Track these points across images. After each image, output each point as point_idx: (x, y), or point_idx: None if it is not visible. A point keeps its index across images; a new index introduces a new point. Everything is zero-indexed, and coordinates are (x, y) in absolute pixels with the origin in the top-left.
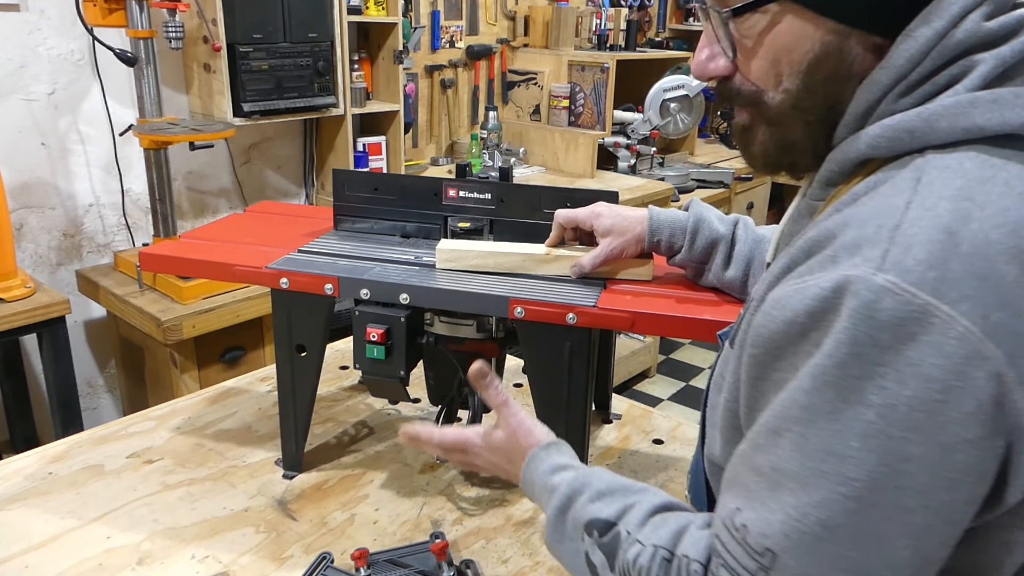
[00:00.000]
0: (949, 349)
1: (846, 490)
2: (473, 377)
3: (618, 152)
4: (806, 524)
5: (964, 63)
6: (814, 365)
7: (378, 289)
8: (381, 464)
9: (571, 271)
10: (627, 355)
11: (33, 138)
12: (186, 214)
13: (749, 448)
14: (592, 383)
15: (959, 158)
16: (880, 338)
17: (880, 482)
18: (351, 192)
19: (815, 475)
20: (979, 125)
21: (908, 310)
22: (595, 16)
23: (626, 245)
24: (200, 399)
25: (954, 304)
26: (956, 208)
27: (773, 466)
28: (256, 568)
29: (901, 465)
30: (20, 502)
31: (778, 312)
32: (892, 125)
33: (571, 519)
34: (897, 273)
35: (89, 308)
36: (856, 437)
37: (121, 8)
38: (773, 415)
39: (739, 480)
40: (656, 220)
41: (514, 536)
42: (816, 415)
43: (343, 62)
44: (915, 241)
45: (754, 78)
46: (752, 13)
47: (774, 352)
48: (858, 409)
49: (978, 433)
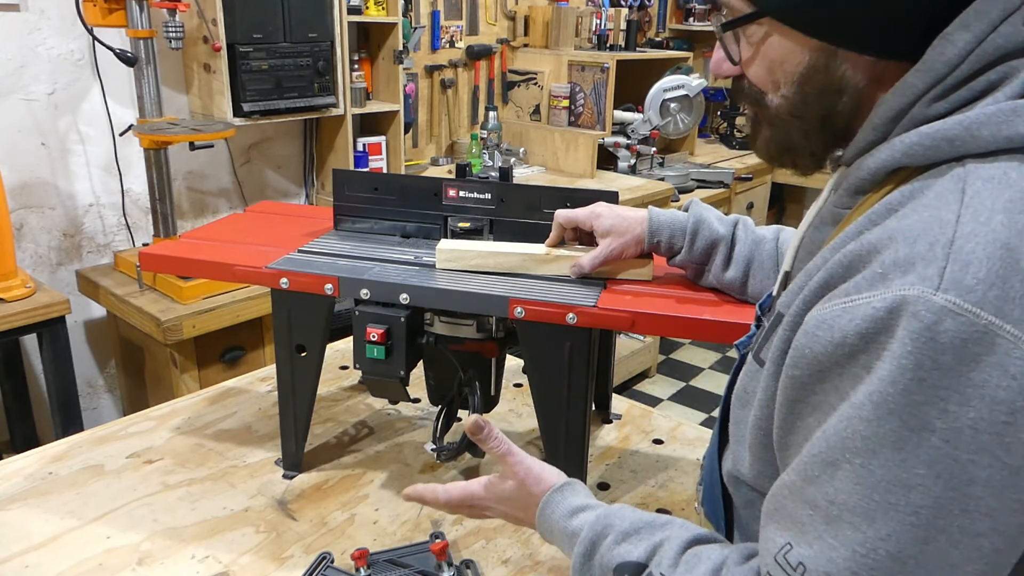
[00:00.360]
0: (1015, 370)
1: (915, 520)
2: (470, 432)
3: (618, 152)
4: (875, 559)
5: (1003, 69)
6: (874, 392)
7: (378, 289)
8: (381, 464)
9: (571, 271)
10: (627, 355)
11: (33, 138)
12: (186, 214)
13: (799, 479)
14: (592, 383)
15: (1003, 168)
16: (943, 361)
17: (948, 508)
18: (351, 192)
19: (882, 508)
20: (1022, 134)
21: (971, 331)
22: (595, 16)
23: (626, 246)
24: (200, 399)
25: (1018, 323)
26: (1012, 222)
27: (830, 499)
28: (256, 568)
29: (968, 488)
30: (20, 502)
31: (824, 333)
32: (931, 133)
33: (598, 564)
34: (957, 292)
35: (89, 308)
36: (922, 464)
37: (121, 8)
38: (828, 445)
39: (787, 512)
40: (656, 221)
41: (514, 536)
42: (881, 445)
43: (343, 62)
44: (973, 258)
45: (756, 82)
46: (745, 26)
47: (817, 375)
48: (923, 435)
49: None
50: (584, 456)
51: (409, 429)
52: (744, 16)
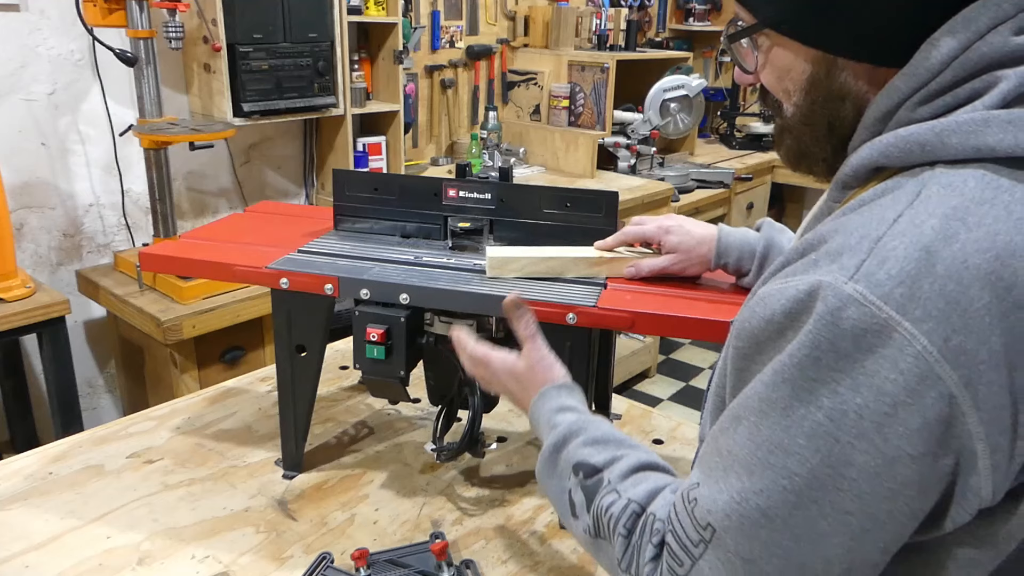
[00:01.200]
0: (904, 366)
1: (788, 483)
2: (507, 308)
3: (618, 152)
4: (746, 508)
5: (988, 78)
6: (777, 361)
7: (378, 289)
8: (381, 464)
9: (625, 272)
10: (627, 355)
11: (33, 138)
12: (186, 214)
13: (717, 429)
14: (592, 383)
15: (964, 176)
16: (840, 345)
17: (821, 481)
18: (351, 192)
19: (761, 465)
20: (990, 145)
21: (871, 322)
22: (595, 16)
23: (689, 264)
24: (200, 399)
25: (917, 323)
26: (943, 227)
27: (729, 449)
28: (256, 568)
29: (843, 469)
30: (20, 502)
31: (760, 309)
32: (905, 136)
33: (563, 457)
34: (867, 284)
35: (89, 308)
36: (804, 436)
37: (121, 8)
38: (738, 402)
39: (704, 458)
40: (724, 243)
41: (514, 536)
42: (771, 408)
43: (343, 62)
44: (892, 255)
45: (771, 91)
46: (756, 36)
47: (755, 346)
48: (809, 409)
49: (921, 450)
50: None
51: (409, 429)
52: (747, 28)
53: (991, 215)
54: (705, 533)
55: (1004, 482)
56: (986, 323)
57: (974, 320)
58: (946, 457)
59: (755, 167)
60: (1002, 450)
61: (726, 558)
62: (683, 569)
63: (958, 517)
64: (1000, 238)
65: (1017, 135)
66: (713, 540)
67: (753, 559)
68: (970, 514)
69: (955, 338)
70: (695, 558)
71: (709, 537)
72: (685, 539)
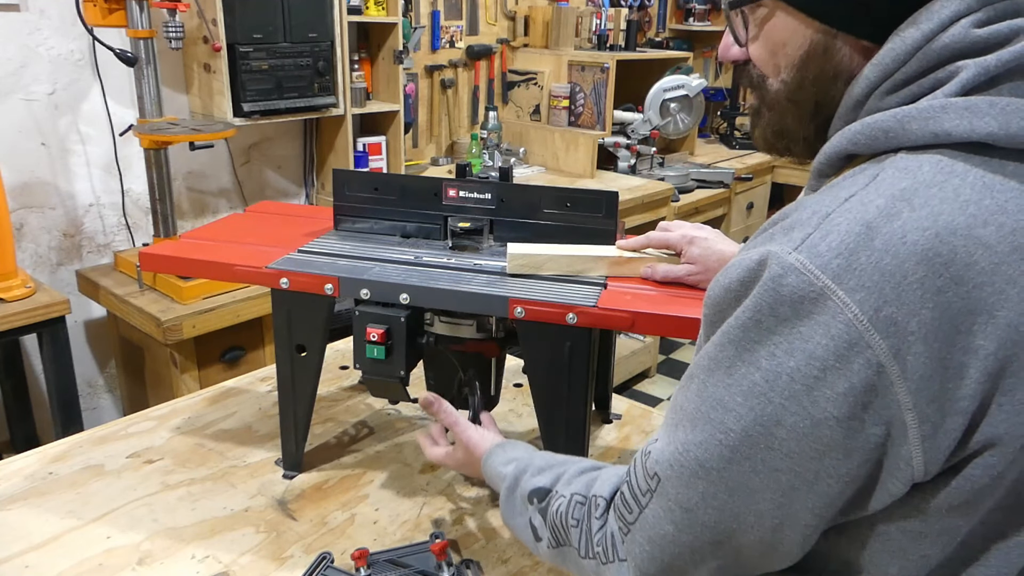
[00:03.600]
0: (835, 332)
1: (723, 438)
2: (424, 407)
3: (618, 152)
4: (686, 459)
5: (950, 68)
6: (726, 324)
7: (378, 289)
8: (381, 464)
9: (642, 272)
10: (627, 355)
11: (33, 138)
12: (186, 214)
13: (677, 388)
14: (592, 383)
15: (920, 160)
16: (779, 310)
17: (754, 439)
18: (351, 192)
19: (703, 419)
20: (947, 131)
21: (808, 289)
22: (595, 16)
23: (705, 279)
24: (200, 399)
25: (850, 292)
26: (887, 206)
27: (681, 405)
28: (256, 568)
29: (774, 428)
30: (20, 502)
31: (722, 278)
32: (870, 123)
33: (518, 495)
34: (808, 255)
35: (89, 308)
36: (741, 394)
37: (121, 8)
38: (694, 361)
39: (666, 416)
40: None
41: (514, 536)
42: (717, 367)
43: (343, 62)
44: (835, 229)
45: (759, 65)
46: (752, 6)
47: (718, 313)
48: (749, 369)
49: (846, 413)
50: (584, 456)
51: (409, 429)
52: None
53: (938, 197)
54: (652, 482)
55: (937, 455)
56: (918, 296)
57: (907, 293)
58: (875, 426)
59: (755, 167)
60: (932, 422)
61: (667, 506)
62: (632, 516)
63: (893, 488)
64: (943, 218)
65: (972, 121)
66: (658, 489)
67: (691, 508)
68: (904, 485)
69: (886, 309)
70: (643, 507)
71: (655, 486)
72: (636, 488)
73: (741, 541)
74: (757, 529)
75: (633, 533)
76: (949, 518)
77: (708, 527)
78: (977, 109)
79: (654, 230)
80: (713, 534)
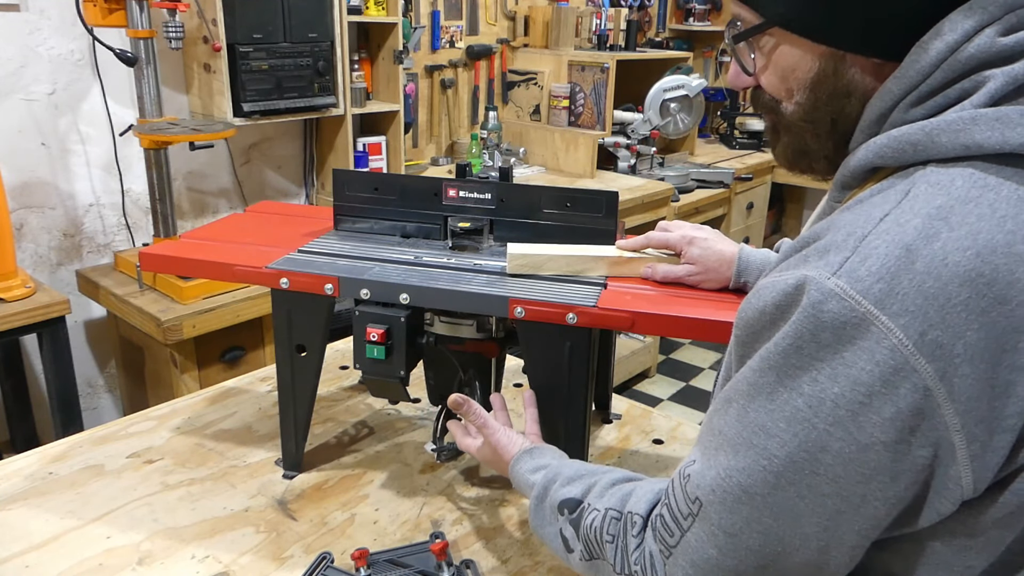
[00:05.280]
0: (880, 357)
1: (768, 464)
2: (453, 407)
3: (618, 152)
4: (729, 485)
5: (976, 78)
6: (765, 349)
7: (378, 289)
8: (381, 464)
9: (642, 272)
10: (627, 355)
11: (33, 138)
12: (186, 214)
13: (712, 410)
14: (592, 383)
15: (952, 175)
16: (821, 336)
17: (799, 464)
18: (351, 192)
19: (745, 444)
20: (978, 142)
21: (850, 315)
22: (595, 16)
23: (705, 279)
24: (200, 399)
25: (894, 317)
26: (925, 226)
27: (720, 429)
28: (256, 568)
29: (819, 454)
30: (20, 502)
31: (755, 300)
32: (897, 136)
33: (547, 504)
34: (848, 280)
35: (89, 308)
36: (784, 420)
37: (121, 8)
38: (731, 385)
39: (700, 437)
40: (745, 262)
41: (514, 536)
42: (758, 392)
43: (343, 62)
44: (874, 253)
45: (771, 91)
46: (756, 37)
47: (751, 335)
48: (792, 395)
49: (893, 438)
50: (584, 456)
51: (409, 429)
52: (754, 27)
53: (975, 213)
54: (694, 507)
55: (986, 473)
56: (963, 318)
57: (951, 315)
58: (923, 448)
59: (755, 167)
60: (980, 441)
61: (710, 531)
62: (673, 539)
63: (942, 507)
64: (982, 236)
65: (1004, 132)
66: (700, 514)
67: (735, 533)
68: (953, 504)
69: (931, 332)
70: (684, 530)
71: (697, 511)
72: (677, 512)
73: (786, 564)
74: (803, 552)
75: (675, 556)
76: (995, 530)
77: (753, 551)
78: (1008, 120)
79: (654, 230)
80: (758, 558)
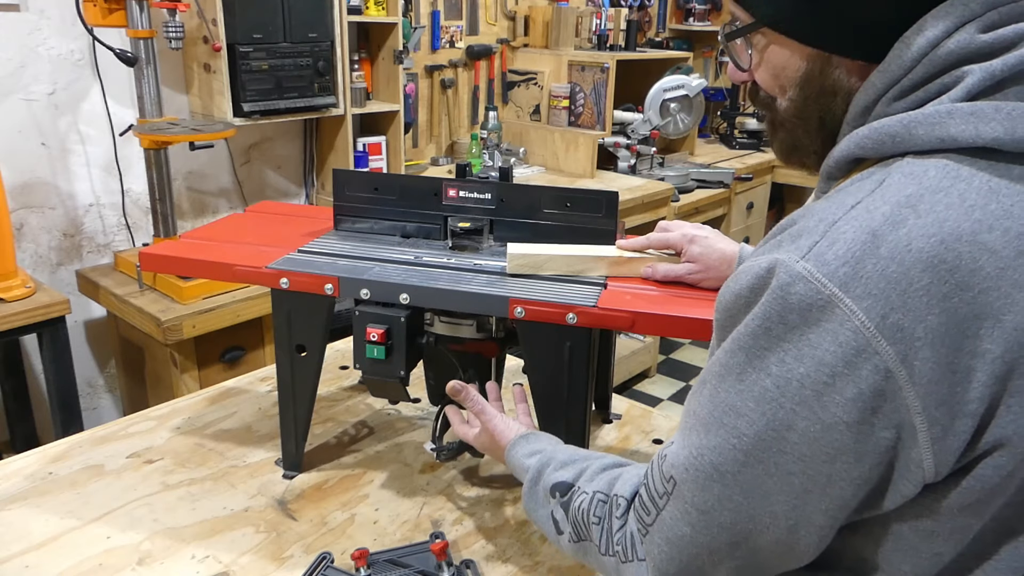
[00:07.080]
0: (843, 339)
1: (737, 442)
2: (451, 394)
3: (618, 152)
4: (701, 463)
5: (956, 73)
6: (736, 331)
7: (378, 289)
8: (381, 464)
9: (642, 272)
10: (627, 355)
11: (33, 138)
12: (186, 214)
13: (690, 393)
14: (592, 383)
15: (927, 165)
16: (788, 318)
17: (767, 443)
18: (351, 192)
19: (716, 424)
20: (953, 136)
21: (816, 297)
22: (595, 16)
23: (706, 277)
24: (200, 399)
25: (857, 300)
26: (892, 213)
27: (694, 410)
28: (256, 568)
29: (786, 432)
30: (20, 502)
31: (733, 284)
32: (877, 128)
33: (540, 487)
34: (815, 263)
35: (89, 308)
36: (754, 399)
37: (121, 8)
38: (706, 367)
39: (681, 420)
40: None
41: (514, 536)
42: (728, 373)
43: (343, 62)
44: (841, 238)
45: (765, 88)
46: (749, 35)
47: (730, 319)
48: (760, 375)
49: (856, 418)
50: None
51: (409, 429)
52: (745, 27)
53: (943, 203)
54: (668, 485)
55: (947, 457)
56: (924, 303)
57: (912, 299)
58: (885, 430)
59: (755, 167)
60: (941, 425)
61: (684, 508)
62: (650, 518)
63: (905, 490)
64: (948, 224)
65: (978, 126)
66: (675, 492)
67: (707, 510)
68: (916, 487)
69: (892, 315)
70: (660, 508)
71: (671, 489)
72: (653, 491)
73: (758, 542)
74: (773, 530)
75: (651, 534)
76: (961, 517)
77: (725, 528)
78: (983, 114)
79: (653, 231)
80: (730, 535)
